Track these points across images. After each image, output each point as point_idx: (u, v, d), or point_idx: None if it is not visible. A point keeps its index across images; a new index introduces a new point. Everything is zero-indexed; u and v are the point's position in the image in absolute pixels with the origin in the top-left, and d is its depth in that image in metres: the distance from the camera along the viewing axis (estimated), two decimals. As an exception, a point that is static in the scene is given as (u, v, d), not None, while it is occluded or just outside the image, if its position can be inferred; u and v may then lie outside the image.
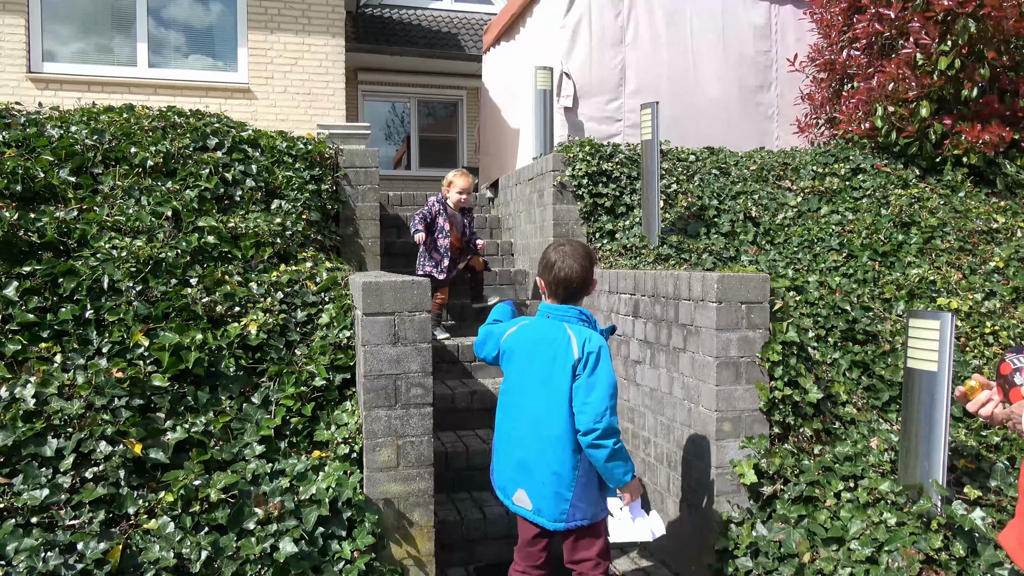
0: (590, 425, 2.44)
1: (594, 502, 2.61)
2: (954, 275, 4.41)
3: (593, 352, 2.50)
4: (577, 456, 2.54)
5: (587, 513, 2.60)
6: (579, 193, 5.38)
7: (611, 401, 2.47)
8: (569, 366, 2.51)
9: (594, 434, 2.44)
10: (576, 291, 2.65)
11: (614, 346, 4.36)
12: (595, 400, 2.45)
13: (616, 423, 2.47)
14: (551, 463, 2.56)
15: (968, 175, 5.66)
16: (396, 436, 3.11)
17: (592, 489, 2.59)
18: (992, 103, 5.66)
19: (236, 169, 4.45)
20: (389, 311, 3.12)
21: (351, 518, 3.00)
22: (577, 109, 6.44)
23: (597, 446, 2.45)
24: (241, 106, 8.16)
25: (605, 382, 2.47)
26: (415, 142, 12.48)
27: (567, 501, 2.56)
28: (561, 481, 2.55)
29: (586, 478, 2.57)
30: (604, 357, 2.52)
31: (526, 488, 2.64)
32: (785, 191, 5.54)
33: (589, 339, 2.53)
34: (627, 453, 2.53)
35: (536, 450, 2.60)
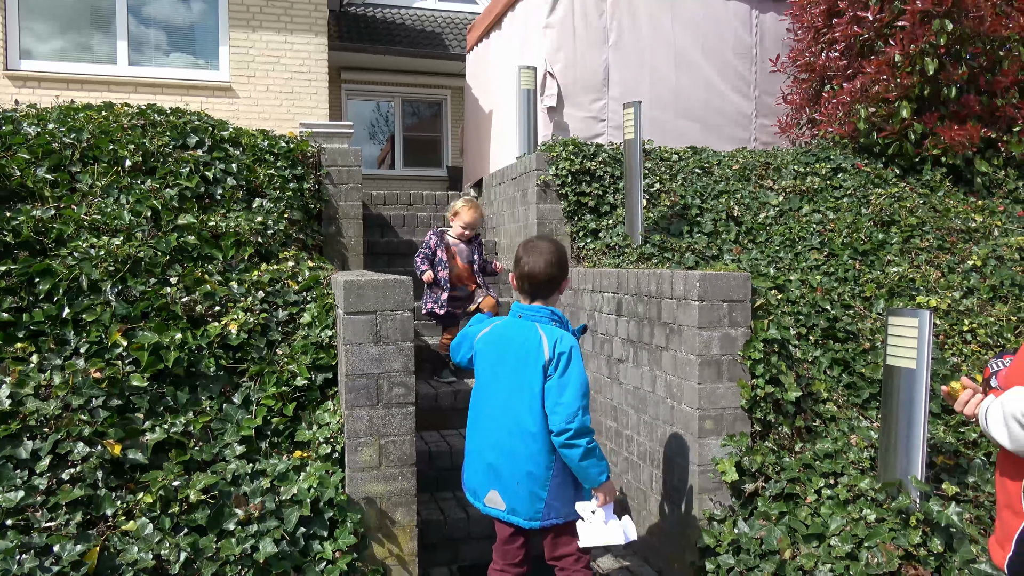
0: (563, 425, 2.45)
1: (570, 500, 2.61)
2: (933, 274, 4.46)
3: (564, 352, 2.49)
4: (552, 456, 2.55)
5: (562, 512, 2.60)
6: (563, 192, 5.38)
7: (583, 401, 2.47)
8: (540, 366, 2.51)
9: (567, 434, 2.44)
10: (541, 287, 2.63)
11: (597, 345, 4.37)
12: (567, 400, 2.45)
13: (588, 422, 2.47)
14: (525, 463, 2.56)
15: (947, 175, 5.72)
16: (378, 435, 3.09)
17: (568, 488, 2.60)
18: (970, 103, 5.72)
19: (217, 167, 4.41)
20: (371, 310, 3.11)
21: (333, 518, 2.99)
22: (561, 109, 6.45)
23: (570, 445, 2.45)
24: (223, 105, 8.10)
25: (577, 382, 2.47)
26: (399, 142, 12.44)
27: (542, 500, 2.57)
28: (536, 481, 2.56)
29: (561, 477, 2.58)
30: (575, 357, 2.51)
31: (499, 489, 2.64)
32: (767, 190, 5.57)
33: (560, 339, 2.53)
34: (602, 453, 2.53)
35: (509, 451, 2.59)
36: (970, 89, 5.90)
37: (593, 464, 2.49)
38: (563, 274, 2.65)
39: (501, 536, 2.76)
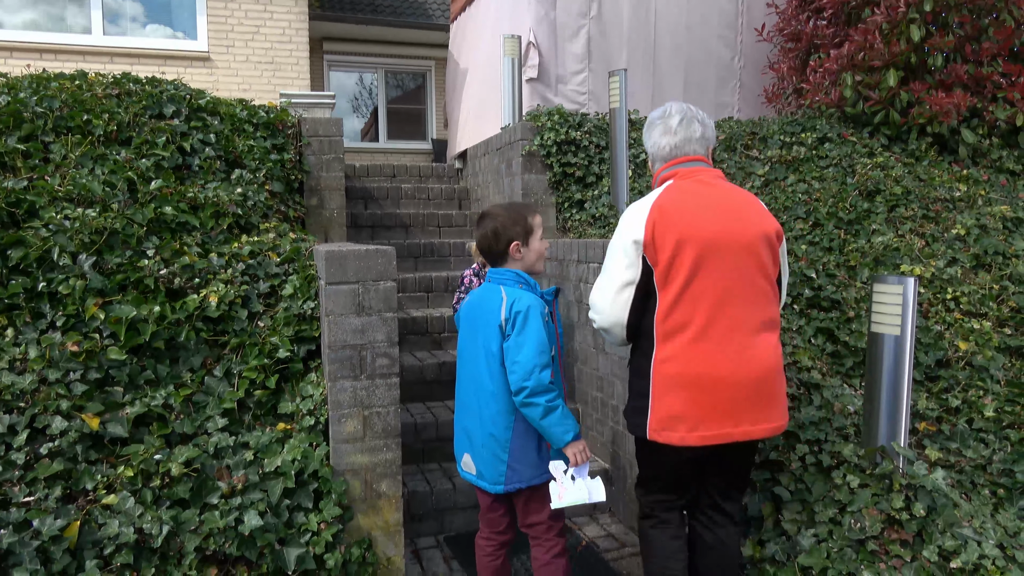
0: (519, 383, 2.43)
1: (533, 464, 2.56)
2: (917, 243, 4.46)
3: (521, 312, 2.47)
4: (511, 417, 2.53)
5: (525, 476, 2.55)
6: (548, 162, 5.34)
7: (541, 358, 2.43)
8: (497, 326, 2.51)
9: (524, 392, 2.42)
10: (491, 254, 2.63)
11: (584, 315, 4.35)
12: (524, 358, 2.43)
13: (547, 379, 2.43)
14: (487, 425, 2.56)
15: (932, 144, 5.72)
16: (362, 407, 3.07)
17: (530, 451, 2.55)
18: (957, 71, 5.70)
19: (194, 138, 4.32)
20: (353, 280, 3.06)
21: (317, 490, 2.97)
22: (543, 79, 6.37)
23: (529, 404, 2.43)
24: (201, 75, 7.94)
25: (534, 340, 2.44)
26: (383, 114, 12.27)
27: (504, 463, 2.55)
28: (497, 443, 2.55)
29: (522, 440, 2.54)
30: (533, 316, 2.47)
31: (471, 453, 2.65)
32: (753, 160, 5.54)
33: (518, 299, 2.51)
34: (567, 411, 2.49)
35: (476, 413, 2.61)
36: (956, 57, 5.88)
37: (556, 423, 2.45)
38: (505, 240, 2.57)
39: (483, 504, 2.76)
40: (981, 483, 3.03)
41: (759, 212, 2.37)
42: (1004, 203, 5.01)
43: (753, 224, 2.32)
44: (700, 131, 2.46)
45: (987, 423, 3.27)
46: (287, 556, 2.79)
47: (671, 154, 2.47)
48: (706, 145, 2.48)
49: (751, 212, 2.35)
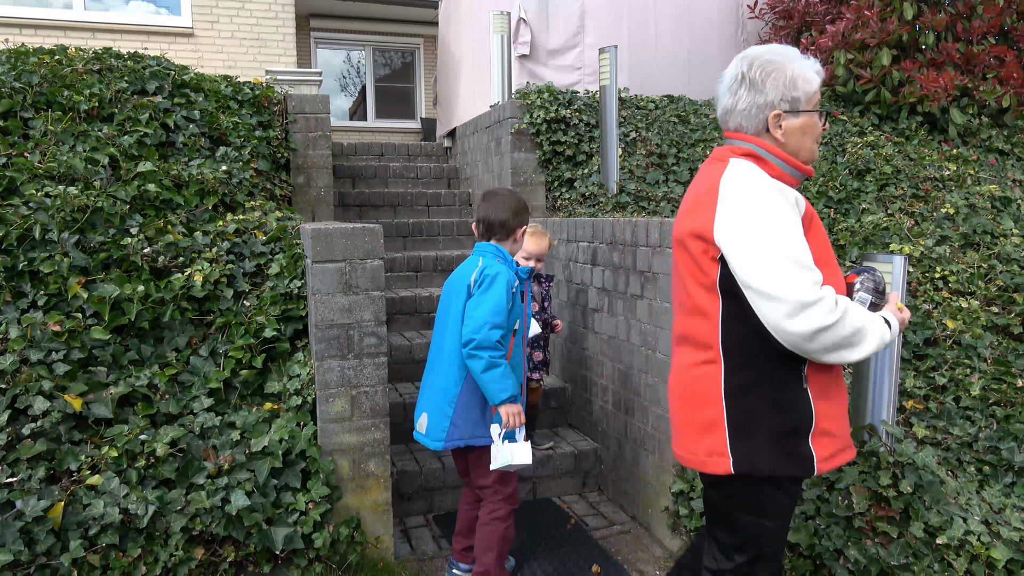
0: (468, 335, 2.56)
1: (475, 422, 2.67)
2: (907, 222, 4.46)
3: (489, 276, 2.63)
4: (463, 373, 2.66)
5: (466, 433, 2.67)
6: (537, 141, 5.29)
7: (495, 318, 2.56)
8: (466, 287, 2.67)
9: (471, 344, 2.54)
10: (494, 228, 2.79)
11: (572, 294, 4.33)
12: (479, 314, 2.57)
13: (494, 337, 2.54)
14: (440, 380, 2.71)
15: (922, 123, 5.70)
16: (350, 386, 3.04)
17: (474, 408, 2.66)
18: (948, 50, 5.68)
19: (178, 114, 4.25)
20: (340, 259, 3.03)
21: (305, 470, 2.95)
22: (534, 56, 6.29)
23: (473, 356, 2.54)
24: (185, 51, 7.80)
25: (492, 300, 2.58)
26: (371, 92, 12.14)
27: (448, 418, 2.67)
28: (445, 396, 2.68)
29: (468, 396, 2.66)
30: (499, 283, 2.62)
31: (426, 410, 2.76)
32: (744, 139, 5.51)
33: (489, 266, 2.67)
34: (508, 374, 2.58)
35: (434, 370, 2.76)
36: (948, 36, 5.85)
37: (495, 379, 2.55)
38: (516, 221, 2.79)
39: (459, 469, 2.93)
40: (967, 460, 3.05)
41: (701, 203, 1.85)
42: (993, 182, 5.01)
43: (685, 217, 1.91)
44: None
45: (974, 401, 3.28)
46: (275, 536, 2.77)
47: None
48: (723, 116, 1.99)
49: (693, 203, 1.90)
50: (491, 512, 2.78)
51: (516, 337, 2.75)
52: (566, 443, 4.07)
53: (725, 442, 1.84)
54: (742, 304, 1.78)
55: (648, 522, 3.52)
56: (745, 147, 1.89)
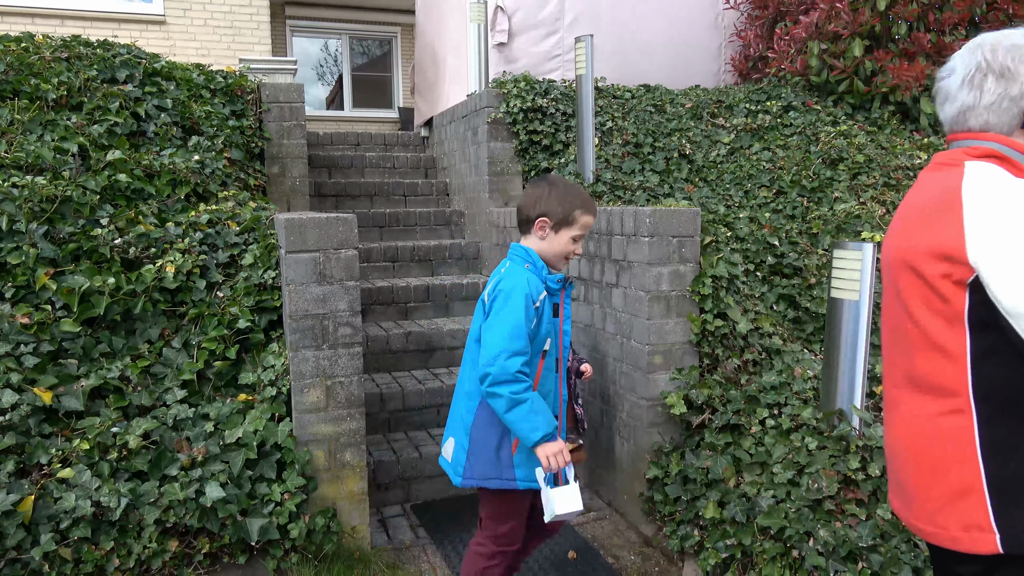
0: (482, 368, 2.12)
1: (490, 462, 2.24)
2: (879, 210, 4.52)
3: (504, 291, 2.19)
4: (475, 401, 2.27)
5: (477, 472, 2.25)
6: (514, 130, 5.28)
7: (511, 344, 2.10)
8: (481, 302, 2.30)
9: (487, 379, 2.11)
10: (520, 215, 2.34)
11: (549, 284, 4.34)
12: (493, 340, 2.12)
13: (514, 368, 2.09)
14: (459, 404, 2.35)
15: (894, 113, 5.77)
16: (325, 377, 3.04)
17: (488, 447, 2.24)
18: (920, 40, 5.74)
19: (149, 103, 4.19)
20: (314, 248, 3.01)
21: (280, 460, 2.95)
22: (512, 44, 6.27)
23: (492, 395, 2.11)
24: (157, 39, 7.69)
25: (509, 322, 2.13)
26: (347, 81, 12.03)
27: (464, 451, 2.29)
28: (463, 425, 2.31)
29: (482, 431, 2.25)
30: (515, 297, 2.16)
31: (452, 434, 2.40)
32: (719, 128, 5.55)
33: (506, 278, 2.22)
34: (539, 408, 2.13)
35: (457, 390, 2.41)
36: (920, 26, 5.91)
37: (522, 418, 2.10)
38: (540, 210, 2.26)
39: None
40: (934, 444, 3.11)
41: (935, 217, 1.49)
42: (963, 171, 5.09)
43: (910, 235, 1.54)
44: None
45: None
46: (249, 527, 2.77)
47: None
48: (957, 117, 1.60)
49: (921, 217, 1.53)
50: (477, 545, 2.39)
51: (547, 359, 2.27)
52: (543, 431, 4.09)
53: (987, 512, 1.45)
54: (1005, 337, 1.41)
55: (624, 508, 3.56)
56: (987, 147, 1.52)
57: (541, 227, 2.27)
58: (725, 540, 2.82)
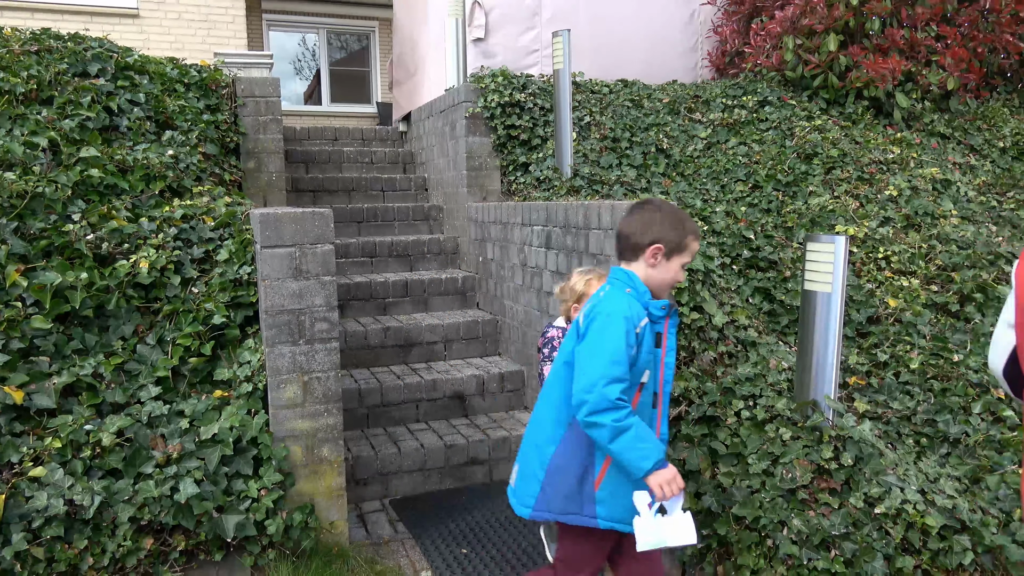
0: (579, 396, 1.95)
1: (569, 496, 2.06)
2: (852, 204, 4.57)
3: (603, 314, 2.01)
4: (560, 430, 2.08)
5: (555, 506, 2.07)
6: (492, 125, 5.28)
7: (611, 370, 1.93)
8: (575, 325, 2.11)
9: (585, 408, 1.93)
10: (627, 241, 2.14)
11: (527, 278, 4.36)
12: (587, 366, 1.96)
13: (613, 395, 1.91)
14: (537, 432, 2.16)
15: (868, 108, 5.84)
16: (302, 372, 3.02)
17: (568, 479, 2.06)
18: (893, 36, 5.81)
19: (122, 97, 4.14)
20: (290, 244, 3.00)
21: (257, 456, 2.93)
22: (490, 40, 6.26)
23: (592, 424, 1.94)
24: (131, 32, 7.58)
25: (609, 347, 1.95)
26: (325, 76, 11.94)
27: (538, 482, 2.10)
28: (539, 455, 2.11)
29: (564, 460, 2.07)
30: (613, 321, 1.99)
31: (519, 462, 2.22)
32: (696, 123, 5.58)
33: (604, 301, 2.06)
34: (645, 435, 1.96)
35: (535, 417, 2.21)
36: (893, 22, 5.98)
37: (630, 446, 1.93)
38: (652, 236, 2.07)
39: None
40: (906, 433, 3.16)
41: None
42: (934, 165, 5.17)
43: None
44: None
45: (913, 376, 3.40)
46: (226, 523, 2.75)
47: None
48: None
49: None
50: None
51: (644, 392, 2.10)
52: (521, 426, 4.10)
53: None
54: None
55: (602, 501, 3.58)
56: None
57: (654, 254, 2.09)
58: (701, 530, 2.85)
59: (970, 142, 5.76)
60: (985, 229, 4.49)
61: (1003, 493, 2.80)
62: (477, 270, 5.10)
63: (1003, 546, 2.60)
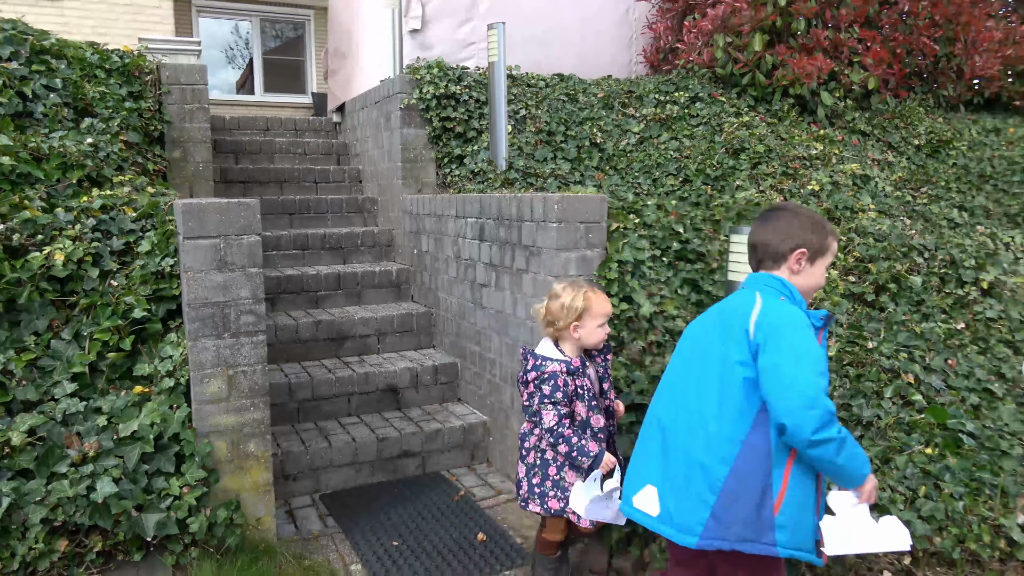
0: (798, 415, 1.76)
1: (748, 522, 1.85)
2: (777, 198, 4.72)
3: (788, 323, 1.88)
4: (735, 448, 1.87)
5: (731, 533, 1.86)
6: (427, 117, 5.25)
7: (822, 381, 1.81)
8: (744, 332, 1.92)
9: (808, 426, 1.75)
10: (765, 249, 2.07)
11: (461, 270, 4.36)
12: (800, 377, 1.79)
13: (832, 406, 1.80)
14: (697, 452, 1.91)
15: (794, 105, 6.02)
16: (227, 366, 2.96)
17: (748, 502, 1.85)
18: (818, 36, 6.01)
19: (37, 83, 3.96)
20: (214, 234, 2.92)
21: (179, 453, 2.86)
22: (427, 31, 6.22)
23: (818, 444, 1.76)
24: (50, 16, 7.25)
25: (809, 357, 1.82)
26: (259, 65, 11.65)
27: (708, 507, 1.87)
28: (705, 477, 1.88)
29: (740, 482, 1.86)
30: (801, 329, 1.88)
31: (658, 485, 1.99)
32: (629, 118, 5.67)
33: (772, 310, 1.92)
34: (855, 440, 1.86)
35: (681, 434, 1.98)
36: (818, 23, 6.19)
37: (852, 455, 1.82)
38: (793, 243, 2.02)
39: (672, 557, 2.16)
40: (823, 418, 3.29)
41: None
42: (854, 162, 5.37)
43: None
44: None
45: (831, 363, 3.54)
46: (145, 523, 2.68)
47: None
48: None
49: None
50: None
51: None
52: (455, 417, 4.11)
53: None
54: None
55: (534, 490, 3.62)
56: None
57: (798, 260, 2.02)
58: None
59: (888, 139, 6.00)
60: (900, 223, 4.70)
61: (910, 472, 2.94)
62: (412, 263, 5.07)
63: (909, 521, 2.74)
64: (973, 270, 4.36)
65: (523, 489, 2.65)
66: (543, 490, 2.60)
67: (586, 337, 2.59)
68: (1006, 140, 6.49)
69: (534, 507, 2.63)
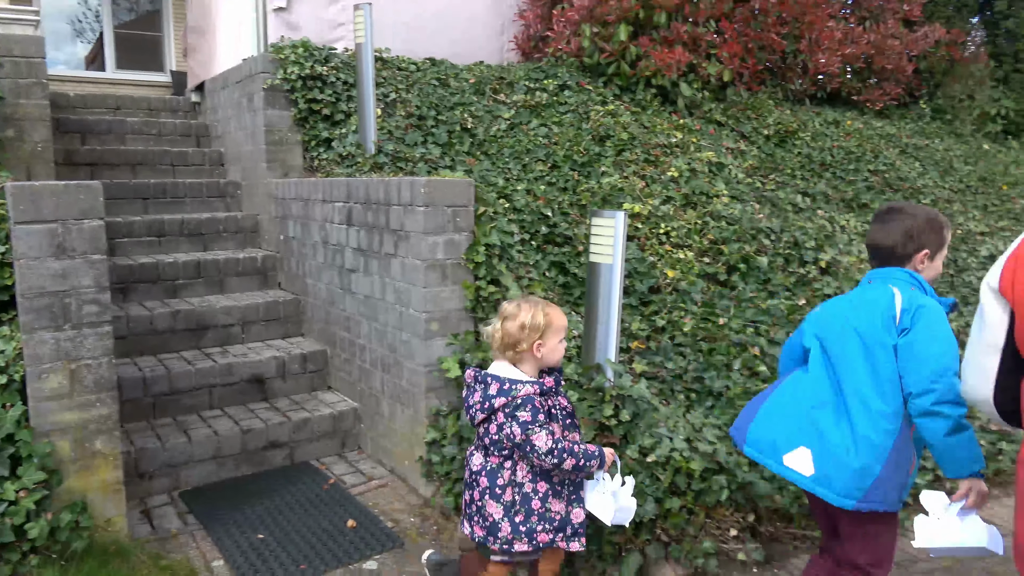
0: (926, 384, 1.97)
1: (900, 487, 2.10)
2: (639, 184, 4.93)
3: (924, 306, 2.06)
4: (896, 422, 2.06)
5: (891, 497, 2.09)
6: (293, 98, 5.09)
7: (956, 365, 1.96)
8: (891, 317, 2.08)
9: (929, 396, 1.95)
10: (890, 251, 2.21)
11: (329, 256, 4.27)
12: (929, 354, 1.99)
13: (959, 388, 1.84)
14: (861, 426, 2.08)
15: (656, 95, 6.29)
16: (68, 360, 2.76)
17: (903, 469, 2.09)
18: (678, 30, 6.29)
19: None
20: (50, 219, 2.71)
21: (14, 455, 2.64)
22: (294, 10, 6.00)
23: (933, 414, 1.96)
24: None
25: (948, 342, 2.02)
26: (110, 39, 10.81)
27: (873, 476, 2.06)
28: (872, 449, 2.06)
29: (899, 454, 2.08)
30: (938, 313, 2.07)
31: (813, 449, 2.14)
32: (500, 104, 5.72)
33: (917, 297, 2.11)
34: (975, 438, 2.00)
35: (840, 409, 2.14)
36: (678, 17, 6.48)
37: (964, 444, 1.97)
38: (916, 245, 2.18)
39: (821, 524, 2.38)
40: (678, 389, 3.49)
41: None
42: (710, 150, 5.68)
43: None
44: None
45: (685, 339, 3.75)
46: (-25, 530, 2.47)
47: None
48: None
49: None
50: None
51: None
52: (325, 406, 4.03)
53: None
54: None
55: (404, 473, 3.62)
56: None
57: (922, 260, 2.19)
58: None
59: (741, 129, 6.39)
60: (750, 207, 5.03)
61: (755, 438, 3.17)
62: (278, 249, 4.91)
63: (752, 482, 2.96)
64: (813, 251, 4.73)
65: (503, 531, 2.30)
66: (530, 526, 2.30)
67: (548, 355, 2.34)
68: (844, 132, 7.07)
69: (521, 546, 2.31)
